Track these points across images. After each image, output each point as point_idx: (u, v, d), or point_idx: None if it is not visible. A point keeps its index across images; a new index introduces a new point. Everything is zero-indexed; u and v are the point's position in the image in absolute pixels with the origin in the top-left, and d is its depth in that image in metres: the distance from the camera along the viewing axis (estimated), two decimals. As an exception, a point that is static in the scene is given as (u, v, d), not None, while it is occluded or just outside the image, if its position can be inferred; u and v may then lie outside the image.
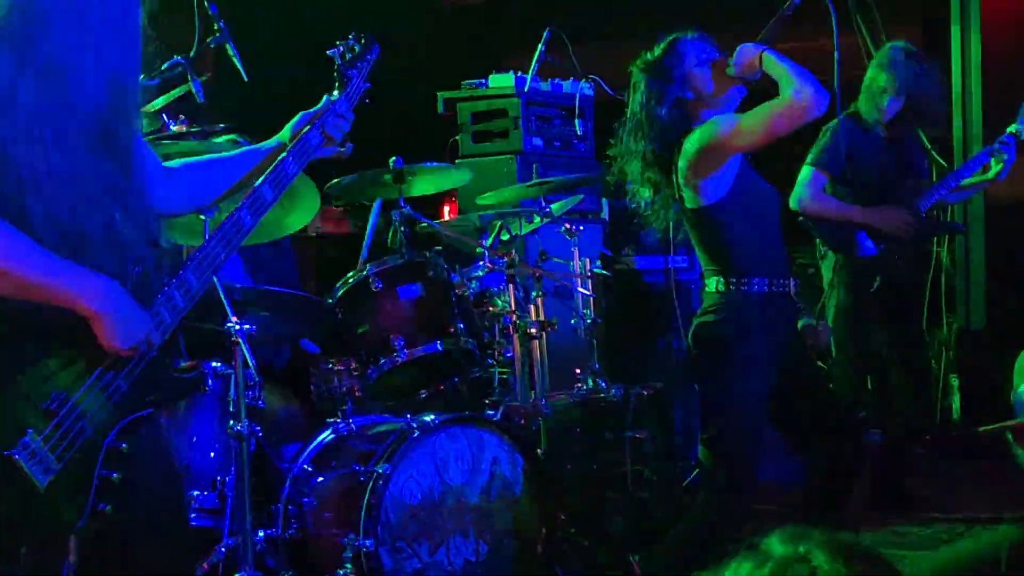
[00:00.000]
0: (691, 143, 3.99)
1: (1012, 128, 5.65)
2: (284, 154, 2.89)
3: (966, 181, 5.70)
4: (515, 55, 6.46)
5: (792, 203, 5.51)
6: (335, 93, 3.06)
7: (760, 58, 3.99)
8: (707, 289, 4.10)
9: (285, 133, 2.99)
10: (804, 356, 4.29)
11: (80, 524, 2.43)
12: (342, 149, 3.03)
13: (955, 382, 7.50)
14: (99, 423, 2.46)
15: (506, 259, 4.64)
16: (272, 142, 2.98)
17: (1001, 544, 1.98)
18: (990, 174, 5.64)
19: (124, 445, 2.49)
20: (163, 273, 2.60)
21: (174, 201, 2.84)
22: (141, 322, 2.50)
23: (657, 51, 4.15)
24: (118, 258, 2.51)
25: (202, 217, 3.72)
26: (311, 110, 3.02)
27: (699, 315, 4.12)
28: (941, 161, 6.70)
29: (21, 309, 2.40)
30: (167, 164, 2.89)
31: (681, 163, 4.02)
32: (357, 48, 3.14)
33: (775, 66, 3.96)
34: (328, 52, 3.10)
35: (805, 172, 5.56)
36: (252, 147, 2.97)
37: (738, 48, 4.06)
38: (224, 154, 2.95)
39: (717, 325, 4.04)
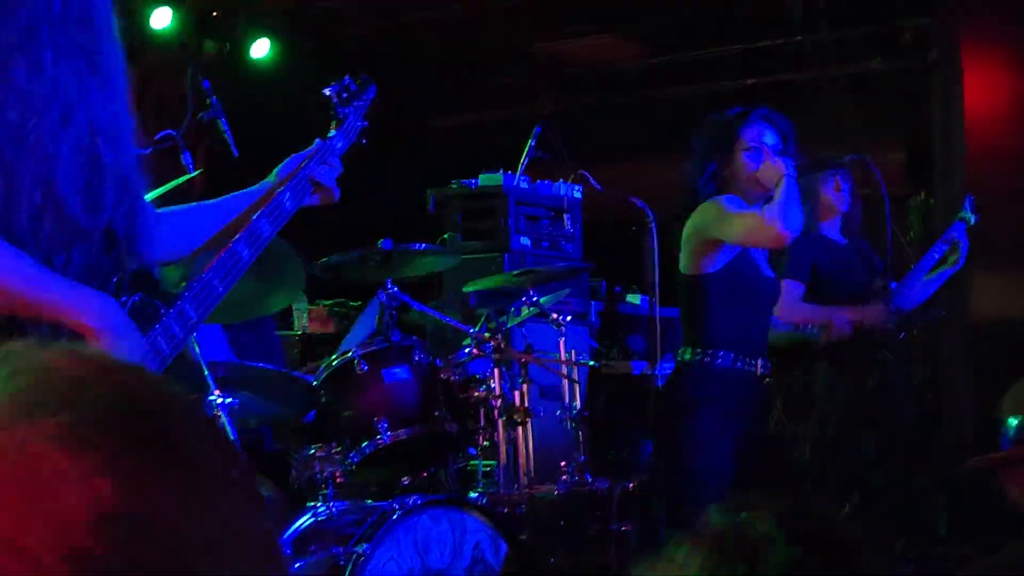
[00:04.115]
0: (697, 214, 4.06)
1: (960, 215, 5.73)
2: (281, 188, 2.85)
3: (927, 276, 5.74)
4: (506, 156, 6.53)
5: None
6: (331, 131, 3.04)
7: (780, 178, 4.06)
8: (677, 358, 4.14)
9: (272, 176, 2.95)
10: (769, 438, 4.30)
11: None
12: (329, 196, 2.99)
13: (940, 499, 7.42)
14: None
15: (493, 344, 4.63)
16: (259, 186, 2.94)
17: None
18: (949, 263, 5.69)
19: None
20: (159, 304, 2.55)
21: (163, 247, 2.81)
22: (138, 342, 2.44)
23: (730, 116, 4.21)
24: (114, 287, 2.48)
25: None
26: (303, 152, 2.99)
27: (664, 385, 4.16)
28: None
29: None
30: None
31: (687, 227, 4.09)
32: (353, 88, 3.13)
33: (780, 187, 4.03)
34: (324, 91, 3.08)
35: (782, 286, 5.57)
36: (239, 192, 2.94)
37: (772, 160, 4.12)
38: (210, 201, 2.91)
39: (676, 393, 4.08)
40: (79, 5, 2.41)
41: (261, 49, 8.03)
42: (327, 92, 3.08)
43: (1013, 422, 2.25)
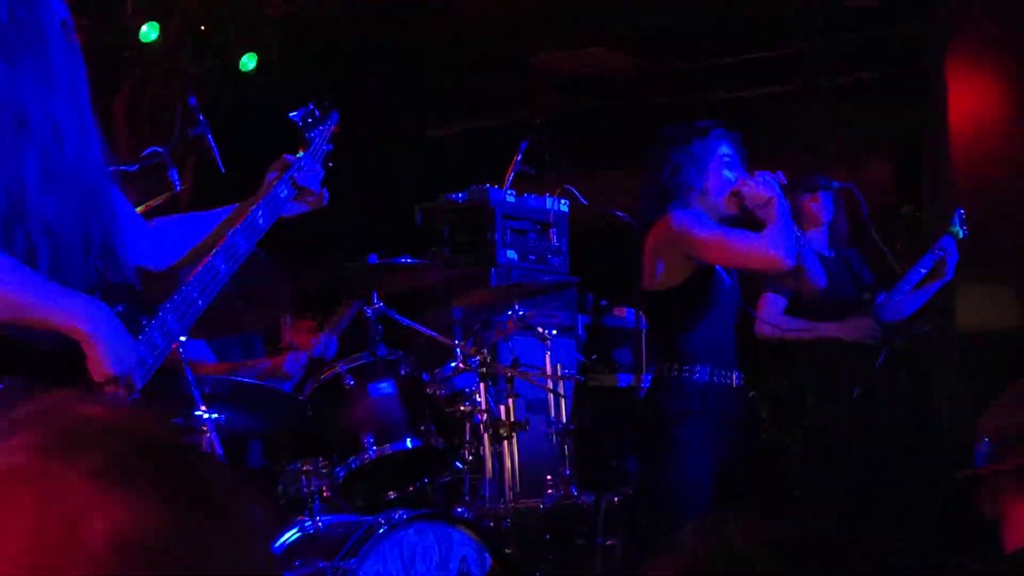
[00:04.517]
0: (660, 231, 4.06)
1: (949, 229, 5.75)
2: (254, 206, 2.90)
3: (915, 288, 5.76)
4: (494, 170, 6.55)
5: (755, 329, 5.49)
6: (299, 153, 3.09)
7: (770, 200, 4.06)
8: (653, 375, 4.16)
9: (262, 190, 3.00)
10: (754, 449, 4.33)
11: None
12: (313, 201, 3.03)
13: (934, 506, 7.41)
14: None
15: (479, 359, 4.64)
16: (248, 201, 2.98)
17: None
18: (938, 275, 5.72)
19: None
20: (144, 314, 2.57)
21: (147, 256, 2.84)
22: (130, 348, 2.46)
23: (697, 129, 4.21)
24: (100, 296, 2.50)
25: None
26: (274, 169, 3.03)
27: (643, 399, 4.18)
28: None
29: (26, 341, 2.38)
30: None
31: (648, 243, 4.08)
32: (318, 114, 3.19)
33: (773, 210, 4.03)
34: (290, 116, 3.13)
35: (763, 299, 5.56)
36: (226, 206, 2.98)
37: (760, 175, 4.12)
38: (195, 213, 2.96)
39: (656, 409, 4.10)
40: (26, 16, 2.44)
41: (252, 60, 8.01)
42: (293, 117, 3.13)
43: (986, 440, 2.27)
